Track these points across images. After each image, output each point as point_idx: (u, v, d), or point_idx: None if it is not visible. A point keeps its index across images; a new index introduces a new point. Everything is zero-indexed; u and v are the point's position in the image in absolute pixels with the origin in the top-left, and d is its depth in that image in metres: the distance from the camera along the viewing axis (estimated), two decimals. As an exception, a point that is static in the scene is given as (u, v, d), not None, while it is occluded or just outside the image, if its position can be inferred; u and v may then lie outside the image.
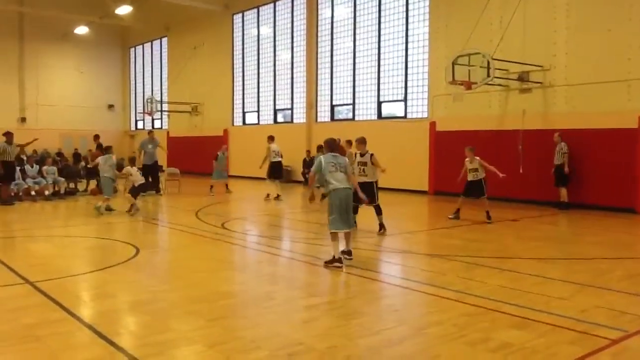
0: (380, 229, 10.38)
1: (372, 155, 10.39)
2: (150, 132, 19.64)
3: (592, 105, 14.18)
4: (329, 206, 7.75)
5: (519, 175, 15.04)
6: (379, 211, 10.48)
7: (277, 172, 16.58)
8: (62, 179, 17.36)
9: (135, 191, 13.39)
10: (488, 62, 14.14)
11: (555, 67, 14.84)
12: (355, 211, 10.54)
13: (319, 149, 14.48)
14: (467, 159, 12.33)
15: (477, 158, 12.21)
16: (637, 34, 13.39)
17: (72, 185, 18.12)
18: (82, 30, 31.97)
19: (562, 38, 14.71)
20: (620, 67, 13.64)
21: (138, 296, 6.21)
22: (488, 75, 14.18)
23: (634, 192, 13.55)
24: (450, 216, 12.36)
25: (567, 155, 14.02)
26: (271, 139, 17.00)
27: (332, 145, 8.03)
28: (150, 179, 17.03)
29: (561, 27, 14.72)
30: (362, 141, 10.49)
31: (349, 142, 13.69)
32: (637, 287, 6.68)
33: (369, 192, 10.27)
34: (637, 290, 6.48)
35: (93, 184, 18.25)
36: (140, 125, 35.85)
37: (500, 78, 15.06)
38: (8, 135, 15.12)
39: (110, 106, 36.19)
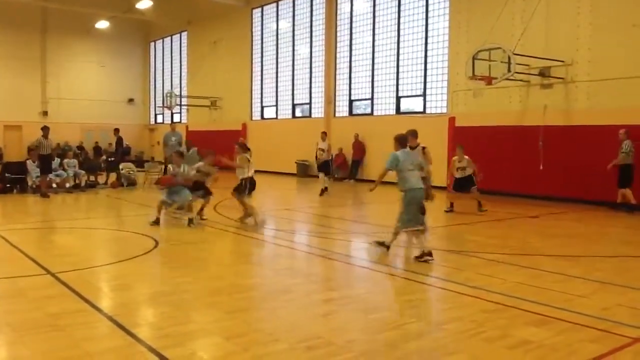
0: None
1: (424, 148, 9.59)
2: (172, 125, 19.74)
3: (615, 101, 13.93)
4: (404, 206, 7.68)
5: (539, 171, 14.87)
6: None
7: (323, 167, 16.77)
8: (83, 172, 17.59)
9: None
10: (509, 57, 13.95)
11: (578, 62, 14.61)
12: (423, 211, 10.24)
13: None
14: (455, 157, 12.69)
15: (467, 157, 12.54)
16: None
17: (92, 178, 18.34)
18: (103, 24, 32.26)
19: (585, 33, 14.46)
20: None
21: (157, 288, 6.27)
22: (509, 71, 14.01)
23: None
24: (445, 209, 12.70)
25: (627, 155, 12.76)
26: (323, 134, 17.59)
27: (404, 141, 7.93)
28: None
29: (585, 22, 14.47)
30: (414, 134, 9.68)
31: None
32: (660, 285, 6.57)
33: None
34: (660, 288, 6.37)
35: (113, 177, 18.47)
36: (159, 119, 36.08)
37: (521, 73, 14.87)
38: (45, 129, 15.52)
39: (130, 100, 36.46)
